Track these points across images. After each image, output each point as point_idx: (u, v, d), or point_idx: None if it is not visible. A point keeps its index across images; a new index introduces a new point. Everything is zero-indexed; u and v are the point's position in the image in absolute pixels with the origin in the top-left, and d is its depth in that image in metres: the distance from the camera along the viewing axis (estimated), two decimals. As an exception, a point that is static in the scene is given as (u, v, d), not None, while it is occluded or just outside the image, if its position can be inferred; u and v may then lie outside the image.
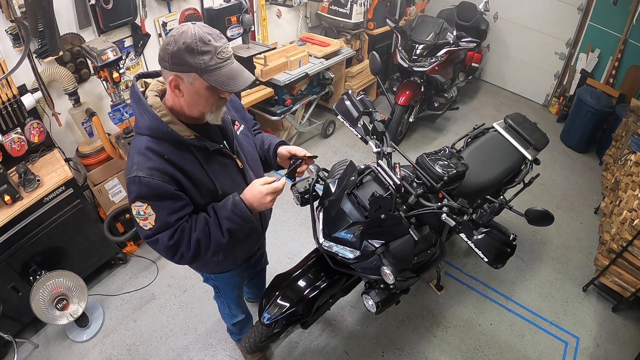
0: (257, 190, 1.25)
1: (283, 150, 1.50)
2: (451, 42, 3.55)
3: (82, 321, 2.31)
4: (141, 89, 1.21)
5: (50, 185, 2.09)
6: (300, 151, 1.47)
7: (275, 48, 3.32)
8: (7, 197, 1.94)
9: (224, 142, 1.31)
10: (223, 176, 1.29)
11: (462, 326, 2.43)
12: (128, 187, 1.15)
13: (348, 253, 1.55)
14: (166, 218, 1.15)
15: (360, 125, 1.72)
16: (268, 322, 1.69)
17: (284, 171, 1.47)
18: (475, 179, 2.06)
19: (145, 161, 1.12)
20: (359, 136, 1.73)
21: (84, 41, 2.32)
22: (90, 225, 2.41)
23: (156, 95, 1.19)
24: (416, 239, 1.48)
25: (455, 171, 1.72)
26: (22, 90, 2.10)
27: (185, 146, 1.18)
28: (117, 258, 2.69)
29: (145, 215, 1.14)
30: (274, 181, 1.27)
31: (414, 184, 1.72)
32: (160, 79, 1.20)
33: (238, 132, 1.39)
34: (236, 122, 1.40)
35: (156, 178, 1.11)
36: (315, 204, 1.73)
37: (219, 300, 1.89)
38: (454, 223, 1.42)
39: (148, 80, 1.32)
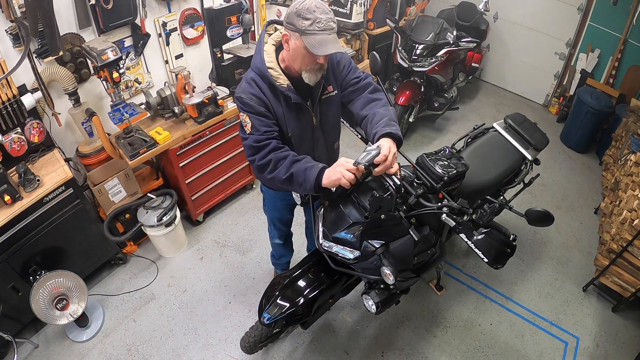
0: (338, 162, 1.41)
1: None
2: (451, 42, 3.55)
3: (82, 321, 2.31)
4: (273, 32, 1.54)
5: (50, 185, 2.09)
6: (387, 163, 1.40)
7: (275, 48, 3.32)
8: (7, 197, 1.95)
9: (310, 99, 1.57)
10: (295, 124, 1.57)
11: (462, 326, 2.43)
12: (235, 102, 1.55)
13: (348, 253, 1.55)
14: (258, 126, 1.48)
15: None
16: (268, 322, 1.69)
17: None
18: (475, 179, 2.06)
19: (249, 88, 1.49)
20: (359, 136, 1.73)
21: (84, 41, 2.31)
22: (90, 225, 2.41)
23: (273, 45, 1.51)
24: (416, 239, 1.48)
25: (455, 171, 1.72)
26: (22, 90, 2.10)
27: (276, 89, 1.48)
28: (117, 258, 2.69)
29: (246, 122, 1.50)
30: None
31: (414, 184, 1.71)
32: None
33: (326, 96, 1.60)
34: (329, 87, 1.60)
35: (253, 101, 1.47)
36: (316, 204, 1.73)
37: (266, 213, 2.15)
38: (454, 223, 1.42)
39: (278, 26, 1.57)
